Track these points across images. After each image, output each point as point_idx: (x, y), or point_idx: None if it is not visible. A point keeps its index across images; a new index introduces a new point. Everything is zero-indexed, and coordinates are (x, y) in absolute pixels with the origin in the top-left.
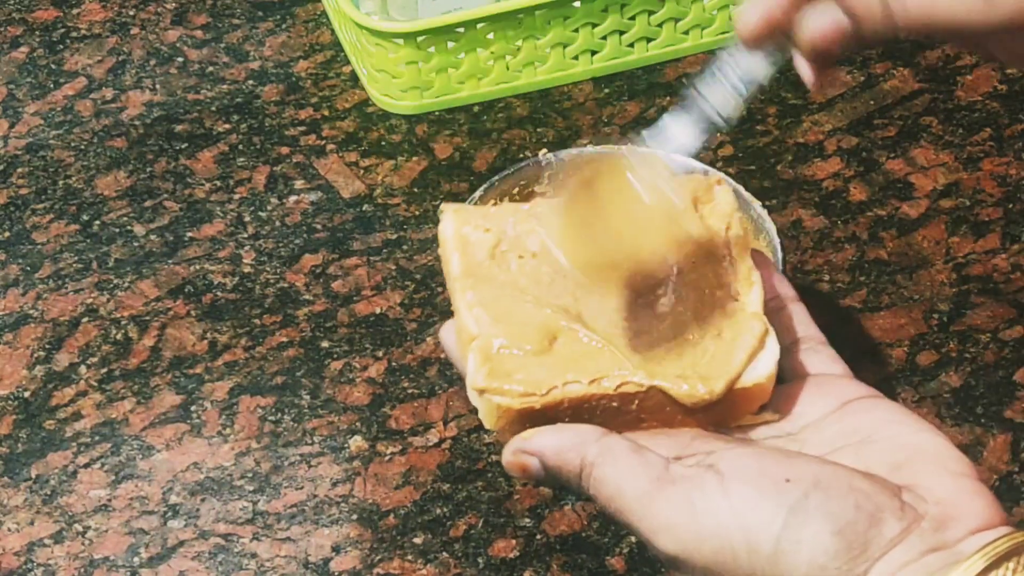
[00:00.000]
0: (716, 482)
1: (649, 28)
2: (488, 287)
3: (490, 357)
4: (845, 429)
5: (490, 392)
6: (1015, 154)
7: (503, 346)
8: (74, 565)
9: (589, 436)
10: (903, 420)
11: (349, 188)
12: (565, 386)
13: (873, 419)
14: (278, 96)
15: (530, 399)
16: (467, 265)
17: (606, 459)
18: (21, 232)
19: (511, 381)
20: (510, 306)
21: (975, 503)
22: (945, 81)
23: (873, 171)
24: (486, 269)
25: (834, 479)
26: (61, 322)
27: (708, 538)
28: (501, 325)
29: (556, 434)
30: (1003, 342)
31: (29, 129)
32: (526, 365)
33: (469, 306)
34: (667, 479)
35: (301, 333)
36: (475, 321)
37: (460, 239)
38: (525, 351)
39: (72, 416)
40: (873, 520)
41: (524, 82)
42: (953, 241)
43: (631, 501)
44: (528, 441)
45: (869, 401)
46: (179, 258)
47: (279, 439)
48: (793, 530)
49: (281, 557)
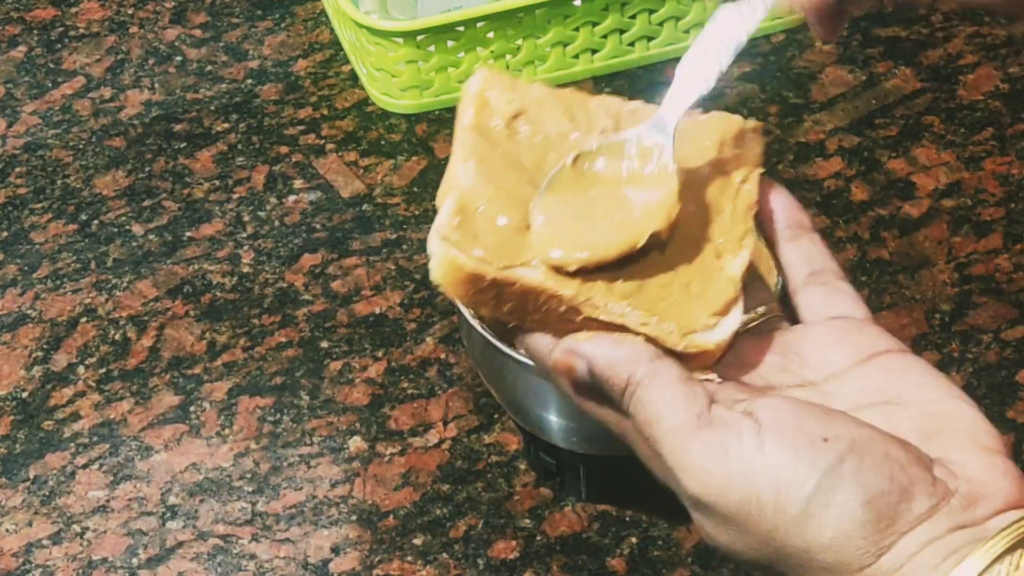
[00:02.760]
0: (753, 432)
1: (650, 27)
2: (491, 149)
3: (465, 210)
4: (871, 387)
5: (451, 243)
6: (1017, 153)
7: (482, 206)
8: (72, 566)
9: (643, 354)
10: (934, 384)
11: (348, 188)
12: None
13: (903, 379)
14: (277, 95)
15: (486, 266)
16: (479, 122)
17: (654, 382)
18: (19, 232)
19: (475, 242)
20: (504, 174)
21: (1004, 482)
22: (947, 80)
23: (875, 171)
24: (496, 133)
25: (871, 444)
26: (59, 322)
27: (736, 487)
28: (489, 187)
29: (611, 343)
30: (1005, 342)
31: (27, 128)
32: (496, 235)
33: (465, 157)
34: (706, 419)
35: (300, 333)
36: (466, 172)
37: (482, 99)
38: (501, 222)
39: (70, 417)
40: (905, 494)
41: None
42: (955, 241)
43: (667, 432)
44: (581, 344)
45: (897, 357)
46: (178, 258)
47: (278, 440)
48: (824, 494)
49: (280, 558)
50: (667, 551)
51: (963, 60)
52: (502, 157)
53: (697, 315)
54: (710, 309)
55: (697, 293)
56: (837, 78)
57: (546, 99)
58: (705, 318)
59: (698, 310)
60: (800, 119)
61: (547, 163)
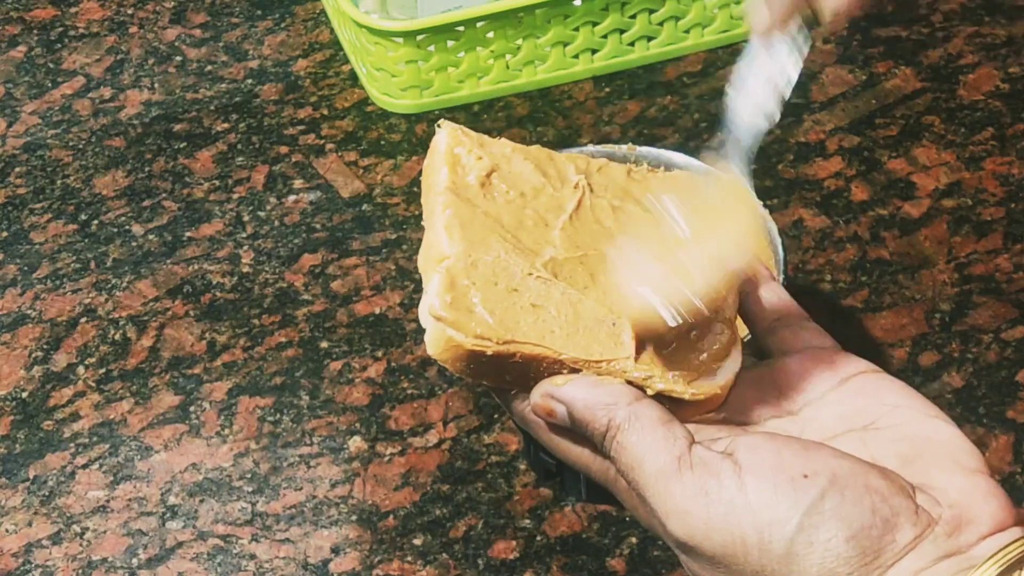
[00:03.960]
0: (733, 473)
1: (650, 26)
2: (471, 211)
3: (455, 285)
4: (848, 411)
5: (445, 323)
6: (1017, 153)
7: (472, 278)
8: (72, 566)
9: (622, 397)
10: (910, 404)
11: (348, 188)
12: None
13: (878, 402)
14: (277, 95)
15: (484, 343)
16: (455, 183)
17: (633, 426)
18: (19, 232)
19: (471, 318)
20: (488, 238)
21: (989, 504)
22: (947, 80)
23: (875, 170)
24: (473, 193)
25: (851, 477)
26: (59, 322)
27: (719, 529)
28: (476, 255)
29: (590, 387)
30: (1005, 342)
31: (27, 128)
32: (489, 303)
33: (448, 224)
34: (687, 461)
35: (300, 333)
36: (450, 241)
37: (452, 157)
38: (494, 292)
39: (70, 417)
40: (888, 526)
41: (524, 81)
42: (955, 241)
43: (649, 476)
44: (560, 388)
45: (871, 378)
46: (177, 258)
47: (278, 440)
48: (807, 532)
49: (280, 558)
50: (667, 551)
51: (963, 60)
52: (482, 219)
53: (699, 361)
54: (711, 354)
55: (696, 339)
56: (837, 78)
57: (514, 155)
58: (707, 363)
59: (699, 356)
60: (800, 119)
61: (526, 220)
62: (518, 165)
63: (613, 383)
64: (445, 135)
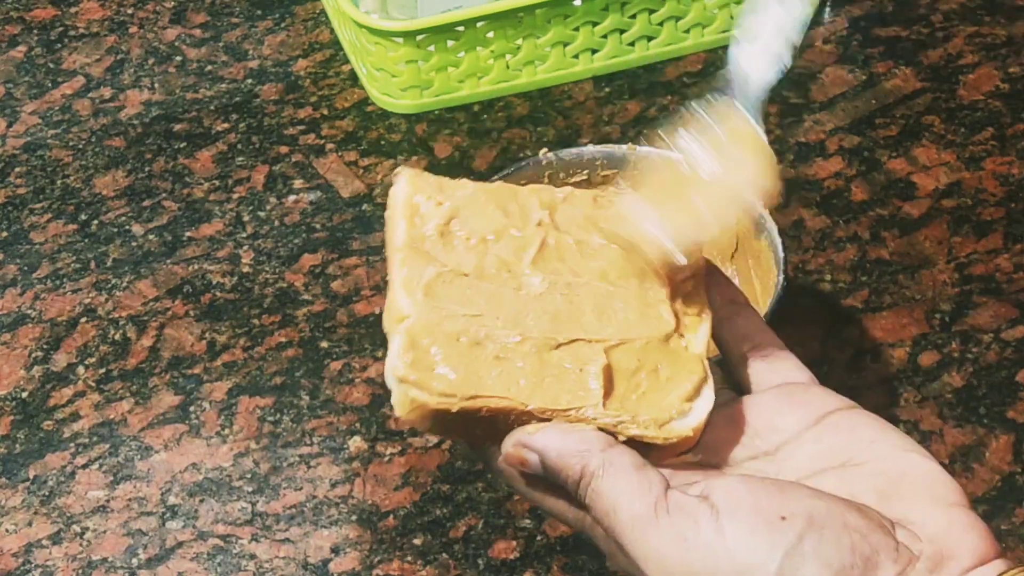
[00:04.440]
0: (710, 517)
1: (650, 26)
2: (428, 266)
3: (416, 345)
4: (824, 449)
5: (408, 384)
6: (1017, 153)
7: (433, 336)
8: (72, 566)
9: (595, 444)
10: (886, 439)
11: (348, 187)
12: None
13: (854, 438)
14: (277, 95)
15: (448, 400)
16: (412, 237)
17: (608, 472)
18: (19, 232)
19: (432, 377)
20: (449, 291)
21: (969, 538)
22: (947, 80)
23: (875, 170)
24: (431, 245)
25: (828, 516)
26: (59, 322)
27: (699, 574)
28: (436, 313)
29: (562, 435)
30: (1005, 342)
31: (27, 128)
32: (451, 360)
33: (405, 283)
34: (663, 507)
35: (300, 333)
36: (410, 302)
37: (411, 207)
38: (454, 345)
39: (70, 417)
40: (869, 564)
41: (524, 81)
42: (955, 241)
43: (625, 523)
44: (532, 437)
45: (846, 415)
46: (177, 258)
47: (278, 440)
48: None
49: (280, 558)
50: None
51: (963, 60)
52: (442, 272)
53: (669, 403)
54: (682, 394)
55: (666, 379)
56: (837, 78)
57: (475, 196)
58: (678, 404)
59: (670, 397)
60: (800, 119)
61: (488, 264)
62: (479, 207)
63: (585, 430)
64: (404, 183)
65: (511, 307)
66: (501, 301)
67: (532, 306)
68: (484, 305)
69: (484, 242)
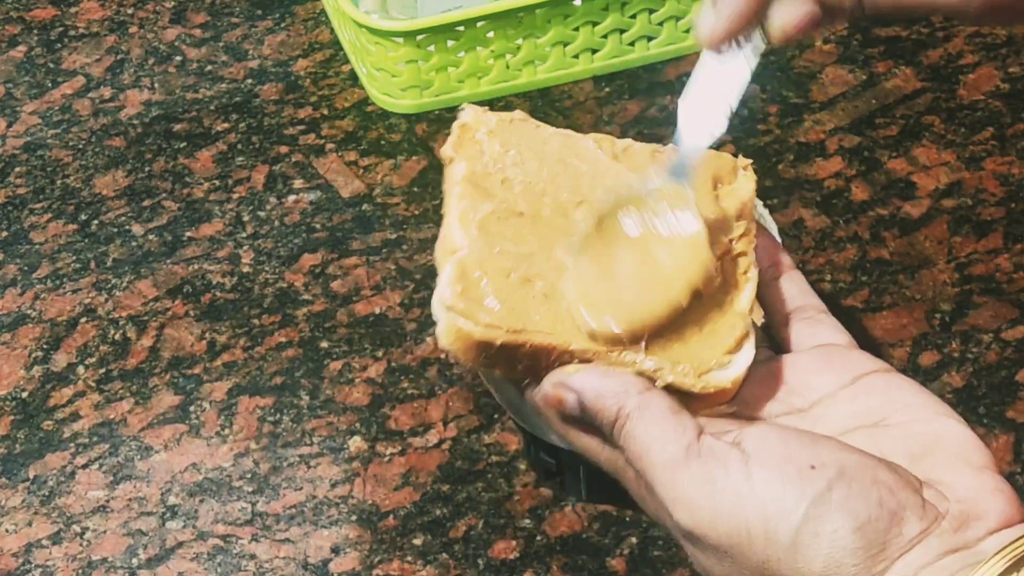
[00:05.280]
0: (740, 462)
1: (650, 26)
2: (487, 201)
3: (466, 276)
4: (858, 409)
5: (456, 312)
6: (1018, 153)
7: (484, 270)
8: (72, 566)
9: (632, 386)
10: (921, 403)
11: (348, 187)
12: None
13: (889, 400)
14: (277, 95)
15: (494, 332)
16: (472, 172)
17: (643, 415)
18: (19, 232)
19: (480, 308)
20: (503, 229)
21: (996, 500)
22: (947, 80)
23: (875, 170)
24: (491, 182)
25: (858, 470)
26: (59, 322)
27: (725, 518)
28: (489, 248)
29: (600, 376)
30: (1005, 342)
31: (27, 128)
32: (500, 293)
33: (462, 215)
34: (695, 451)
35: (300, 333)
36: (464, 234)
37: (474, 143)
38: (504, 282)
39: (70, 417)
40: (895, 519)
41: (524, 81)
42: (955, 241)
43: (656, 465)
44: (571, 376)
45: (882, 377)
46: (177, 258)
47: (278, 440)
48: (813, 523)
49: (280, 558)
50: (667, 551)
51: (963, 60)
52: (499, 209)
53: (710, 354)
54: (723, 347)
55: (708, 332)
56: (837, 78)
57: (537, 137)
58: (719, 356)
59: (711, 349)
60: (800, 119)
61: (544, 206)
62: (541, 149)
63: (623, 373)
64: (468, 117)
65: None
66: (554, 243)
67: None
68: (536, 245)
69: (541, 185)
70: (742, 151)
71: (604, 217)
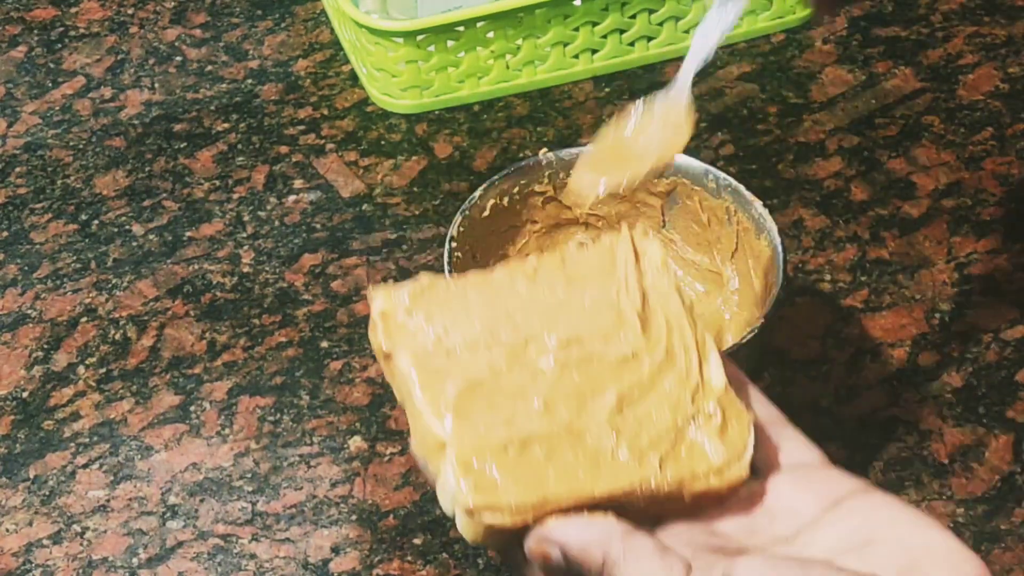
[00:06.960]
0: None
1: (650, 27)
2: (445, 383)
3: (470, 469)
4: (844, 531)
5: (479, 510)
6: (1017, 153)
7: (479, 453)
8: (72, 566)
9: (615, 532)
10: (905, 518)
11: (348, 187)
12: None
13: (874, 519)
14: (277, 95)
15: (523, 515)
16: (414, 359)
17: (628, 560)
18: (19, 232)
19: (499, 496)
20: (475, 405)
21: None
22: (947, 80)
23: (874, 170)
24: (437, 362)
25: None
26: (59, 322)
27: None
28: (472, 429)
29: (581, 526)
30: (1005, 342)
31: (27, 128)
32: (509, 474)
33: (431, 406)
34: None
35: (300, 333)
36: (440, 424)
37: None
38: (504, 456)
39: (70, 416)
40: None
41: (524, 81)
42: (955, 241)
43: None
44: (552, 530)
45: (863, 498)
46: (178, 258)
47: (278, 439)
48: None
49: (280, 558)
50: None
51: (963, 60)
52: (461, 388)
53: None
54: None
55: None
56: (837, 78)
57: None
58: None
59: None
60: (800, 119)
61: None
62: (461, 305)
63: (605, 519)
64: (381, 303)
65: (537, 399)
66: (525, 395)
67: (555, 390)
68: (512, 406)
69: (483, 339)
70: (742, 151)
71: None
